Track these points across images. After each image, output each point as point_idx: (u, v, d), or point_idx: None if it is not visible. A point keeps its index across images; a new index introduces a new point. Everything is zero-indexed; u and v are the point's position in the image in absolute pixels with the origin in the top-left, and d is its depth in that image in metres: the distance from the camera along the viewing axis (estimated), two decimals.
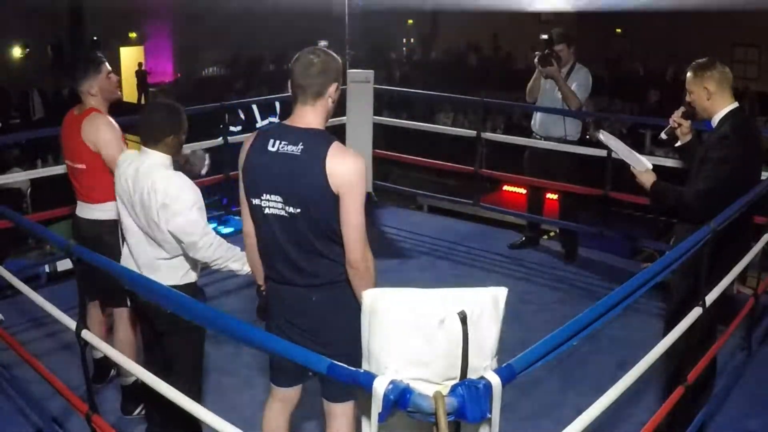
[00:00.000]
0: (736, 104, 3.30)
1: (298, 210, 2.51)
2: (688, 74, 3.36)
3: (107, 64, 3.74)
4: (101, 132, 3.58)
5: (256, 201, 2.60)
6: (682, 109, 3.49)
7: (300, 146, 2.49)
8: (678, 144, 3.60)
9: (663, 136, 3.63)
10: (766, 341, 4.43)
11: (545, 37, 5.64)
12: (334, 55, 2.59)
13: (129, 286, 2.83)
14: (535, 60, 5.64)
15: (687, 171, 3.47)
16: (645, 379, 2.76)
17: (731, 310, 3.74)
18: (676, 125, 3.53)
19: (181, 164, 3.43)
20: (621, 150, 3.61)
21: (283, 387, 2.89)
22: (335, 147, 2.50)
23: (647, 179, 3.43)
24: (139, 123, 3.10)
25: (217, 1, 17.65)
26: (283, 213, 2.53)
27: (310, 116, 2.56)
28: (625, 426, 3.59)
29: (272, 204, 2.55)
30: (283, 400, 2.92)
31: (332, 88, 2.56)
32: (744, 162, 3.25)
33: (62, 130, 3.78)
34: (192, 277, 3.17)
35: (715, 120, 3.31)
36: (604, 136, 3.72)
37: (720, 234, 2.94)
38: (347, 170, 2.47)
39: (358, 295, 2.56)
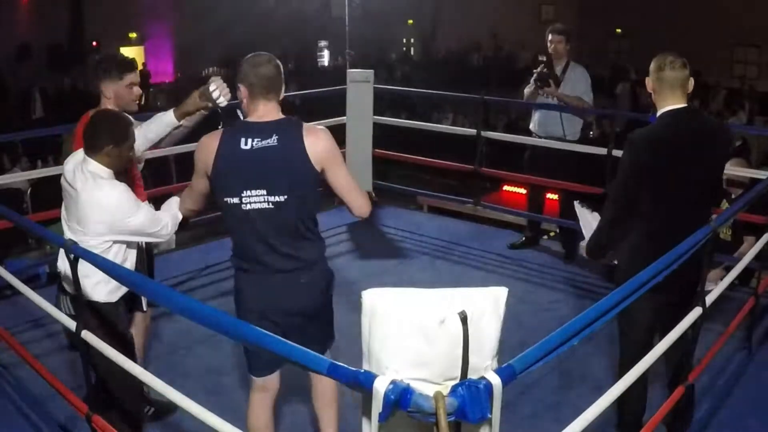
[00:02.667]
0: (678, 105, 3.10)
1: (284, 197, 2.67)
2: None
3: (136, 73, 3.53)
4: None
5: (233, 200, 2.70)
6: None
7: (275, 138, 2.67)
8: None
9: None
10: (766, 341, 4.44)
11: (543, 58, 5.66)
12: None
13: (127, 285, 2.83)
14: (533, 79, 5.67)
15: None
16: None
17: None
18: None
19: (198, 103, 3.34)
20: (586, 225, 3.52)
21: (263, 376, 2.99)
22: (306, 129, 2.73)
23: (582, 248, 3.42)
24: (83, 132, 3.06)
25: (217, 1, 17.68)
26: (266, 205, 2.68)
27: (274, 111, 2.76)
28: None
29: (254, 199, 2.68)
30: (264, 390, 3.01)
31: (282, 87, 2.81)
32: (649, 165, 3.06)
33: (77, 130, 3.73)
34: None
35: (657, 116, 3.21)
36: (578, 209, 3.62)
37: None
38: (324, 145, 2.73)
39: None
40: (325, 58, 23.66)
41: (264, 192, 2.67)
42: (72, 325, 2.84)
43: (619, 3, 20.15)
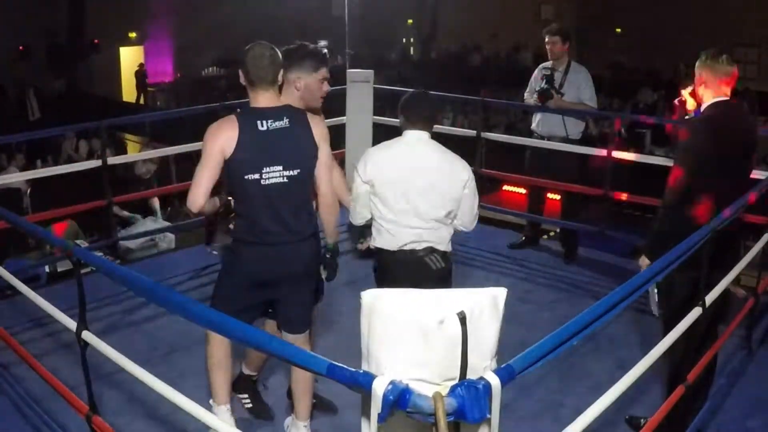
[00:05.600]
0: (725, 98, 3.32)
1: (297, 171, 3.04)
2: (699, 59, 3.41)
3: (328, 68, 3.41)
4: None
5: (253, 176, 2.98)
6: (691, 87, 3.59)
7: (286, 120, 3.02)
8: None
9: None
10: (766, 341, 4.44)
11: (546, 73, 5.66)
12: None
13: (126, 285, 2.83)
14: (535, 95, 5.68)
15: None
16: (645, 379, 2.76)
17: (730, 309, 3.75)
18: (683, 99, 3.72)
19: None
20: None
21: None
22: (309, 115, 3.15)
23: (644, 258, 3.41)
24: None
25: (217, 1, 17.68)
26: (282, 179, 3.01)
27: (275, 97, 3.07)
28: (625, 426, 3.59)
29: (272, 174, 2.99)
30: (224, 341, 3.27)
31: (281, 74, 3.07)
32: (710, 149, 3.23)
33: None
34: None
35: (702, 108, 3.37)
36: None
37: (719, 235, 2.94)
38: (322, 129, 3.17)
39: (326, 225, 3.32)
40: None
41: (281, 168, 3.00)
42: (72, 325, 2.85)
43: (619, 3, 20.14)
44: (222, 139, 2.96)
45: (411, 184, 3.17)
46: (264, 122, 2.98)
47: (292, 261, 3.15)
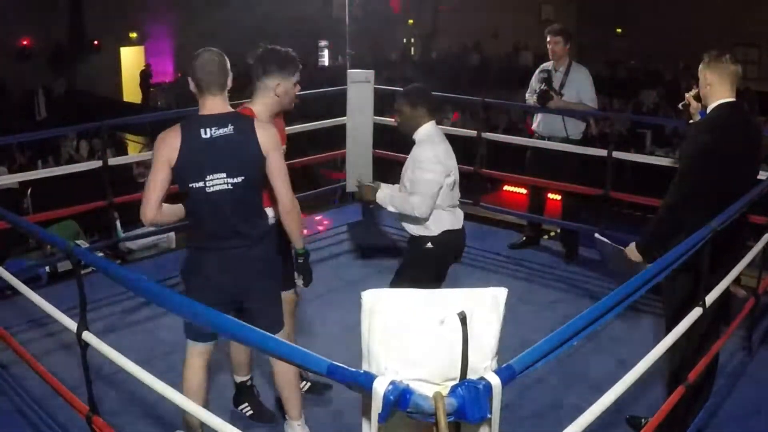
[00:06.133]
0: (731, 99, 3.32)
1: (241, 178, 3.00)
2: (702, 62, 3.41)
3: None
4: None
5: (197, 184, 2.98)
6: (695, 90, 3.61)
7: (230, 126, 2.98)
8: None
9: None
10: (766, 341, 4.43)
11: (545, 75, 5.67)
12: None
13: (126, 285, 2.83)
14: (534, 98, 5.69)
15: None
16: (645, 379, 2.76)
17: (731, 310, 3.75)
18: (687, 102, 3.74)
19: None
20: (607, 256, 3.67)
21: (204, 342, 3.23)
22: (255, 121, 3.09)
23: (635, 249, 3.45)
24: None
25: (217, 1, 17.69)
26: (227, 186, 2.99)
27: (222, 104, 3.03)
28: (625, 426, 3.59)
29: (216, 181, 2.98)
30: (201, 355, 3.26)
31: (230, 80, 3.06)
32: (718, 152, 3.23)
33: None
34: None
35: (708, 110, 3.37)
36: (598, 241, 3.76)
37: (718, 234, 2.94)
38: (270, 136, 3.06)
39: (290, 232, 3.25)
40: (325, 58, 23.65)
41: (224, 175, 2.98)
42: (72, 325, 2.85)
43: (619, 3, 20.15)
44: (167, 149, 2.97)
45: (457, 170, 3.74)
46: (207, 130, 2.96)
47: (244, 267, 3.13)
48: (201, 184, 2.97)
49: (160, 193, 3.00)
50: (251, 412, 3.73)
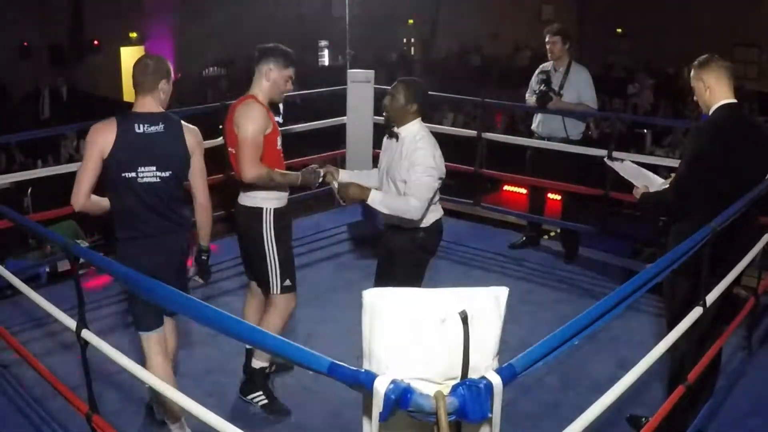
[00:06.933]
0: (732, 99, 3.32)
1: (169, 173, 3.23)
2: (691, 71, 3.40)
3: (294, 71, 3.72)
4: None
5: (130, 174, 3.17)
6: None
7: (161, 125, 3.22)
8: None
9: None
10: (766, 341, 4.44)
11: (544, 77, 5.67)
12: (164, 58, 3.37)
13: (125, 285, 2.83)
14: (534, 100, 5.69)
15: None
16: (645, 379, 2.76)
17: (733, 310, 3.74)
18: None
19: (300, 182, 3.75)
20: (630, 172, 3.71)
21: (156, 328, 3.34)
22: (183, 123, 3.33)
23: (638, 193, 3.51)
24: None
25: (217, 1, 17.67)
26: (155, 179, 3.21)
27: (152, 104, 3.25)
28: (625, 426, 3.60)
29: (147, 173, 3.19)
30: (159, 342, 3.35)
31: (162, 83, 3.26)
32: (720, 153, 3.23)
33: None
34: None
35: (710, 112, 3.36)
36: (615, 163, 3.87)
37: (720, 234, 2.94)
38: (196, 138, 3.33)
39: (201, 228, 3.47)
40: (325, 58, 23.65)
41: (154, 168, 3.20)
42: (72, 324, 2.84)
43: (619, 3, 20.15)
44: (101, 140, 3.16)
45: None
46: (140, 125, 3.18)
47: (172, 250, 3.34)
48: (133, 174, 3.17)
49: (91, 181, 3.18)
50: (265, 401, 3.73)
